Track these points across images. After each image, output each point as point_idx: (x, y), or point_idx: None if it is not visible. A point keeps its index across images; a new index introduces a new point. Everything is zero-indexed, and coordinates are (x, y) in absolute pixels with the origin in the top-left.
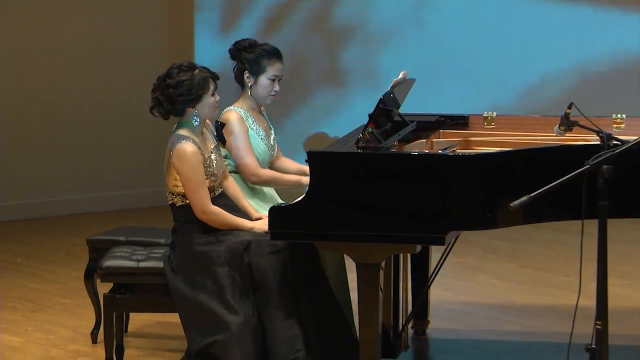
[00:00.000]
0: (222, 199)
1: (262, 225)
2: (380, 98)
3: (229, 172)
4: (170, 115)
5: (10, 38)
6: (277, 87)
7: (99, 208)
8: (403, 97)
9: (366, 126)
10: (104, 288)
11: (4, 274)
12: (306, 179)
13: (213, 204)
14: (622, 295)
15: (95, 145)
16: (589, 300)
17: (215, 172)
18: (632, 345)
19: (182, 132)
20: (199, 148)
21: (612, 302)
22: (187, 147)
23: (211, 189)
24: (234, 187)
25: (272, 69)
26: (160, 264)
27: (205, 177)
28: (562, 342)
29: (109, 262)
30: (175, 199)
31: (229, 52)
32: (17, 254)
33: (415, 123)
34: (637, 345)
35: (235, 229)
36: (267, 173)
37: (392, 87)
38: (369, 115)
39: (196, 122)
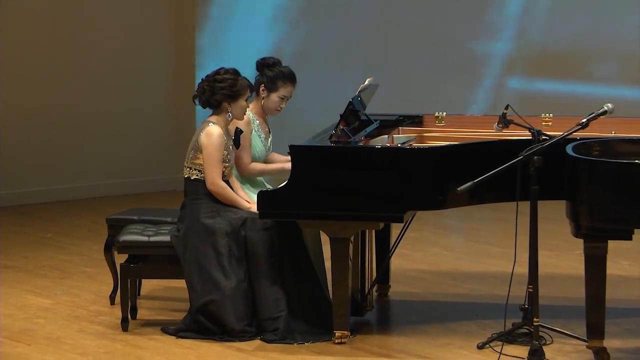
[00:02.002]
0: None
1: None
2: (350, 101)
3: None
4: (207, 105)
5: (43, 37)
6: (283, 105)
7: (116, 192)
8: (368, 100)
9: (338, 124)
10: (120, 258)
11: (37, 247)
12: (288, 165)
13: None
14: (550, 264)
15: (114, 139)
16: (523, 268)
17: (229, 159)
18: (558, 305)
19: (213, 119)
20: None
21: (541, 270)
22: (215, 129)
23: (222, 175)
24: (234, 181)
25: (283, 90)
26: (167, 238)
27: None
28: (500, 302)
29: (125, 237)
30: (192, 172)
31: (256, 63)
32: (48, 231)
33: (378, 121)
34: (562, 305)
35: (234, 206)
36: (257, 168)
37: (359, 92)
38: (340, 115)
39: (230, 117)
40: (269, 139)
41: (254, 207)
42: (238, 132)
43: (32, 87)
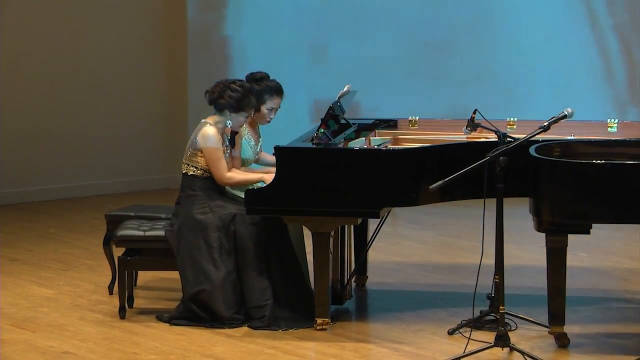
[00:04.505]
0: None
1: (269, 177)
2: (330, 106)
3: None
4: (212, 104)
5: (44, 40)
6: (272, 116)
7: (115, 190)
8: (347, 105)
9: (319, 127)
10: (118, 252)
11: (41, 241)
12: (268, 176)
13: (215, 182)
14: (514, 256)
15: (113, 141)
16: (490, 260)
17: (226, 159)
18: (522, 294)
19: (210, 120)
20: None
21: (507, 262)
22: (211, 130)
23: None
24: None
25: (271, 102)
26: (161, 233)
27: None
28: (469, 292)
29: (122, 232)
30: (189, 168)
31: (245, 78)
32: (51, 226)
33: (356, 125)
34: (526, 294)
35: (249, 183)
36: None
37: (339, 97)
38: (321, 119)
39: (229, 124)
40: (259, 144)
41: (266, 176)
42: (233, 134)
43: (35, 95)
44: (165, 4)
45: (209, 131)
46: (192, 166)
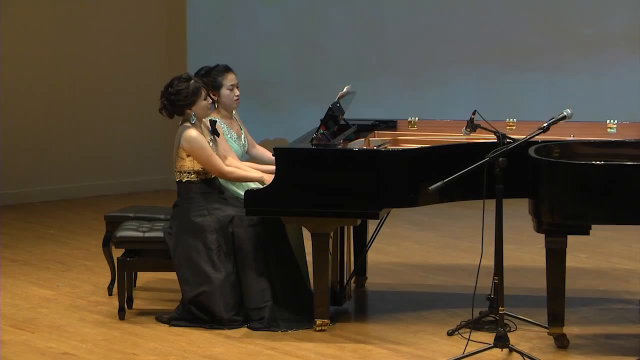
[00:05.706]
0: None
1: (268, 177)
2: (329, 107)
3: None
4: (173, 115)
5: (43, 41)
6: (237, 92)
7: (114, 191)
8: (347, 106)
9: (318, 128)
10: (117, 253)
11: (41, 242)
12: (267, 177)
13: (211, 184)
14: (513, 257)
15: (112, 142)
16: (489, 261)
17: (217, 151)
18: (521, 295)
19: (186, 123)
20: (201, 133)
21: (506, 263)
22: (192, 132)
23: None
24: (231, 162)
25: (226, 81)
26: (161, 234)
27: None
28: (468, 292)
29: (121, 233)
30: (182, 176)
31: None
32: (51, 227)
33: (356, 126)
34: (525, 295)
35: (249, 181)
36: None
37: (338, 98)
38: (320, 120)
39: (193, 120)
40: (242, 135)
41: (266, 177)
42: (212, 123)
43: (35, 96)
44: (166, 5)
45: (191, 133)
46: (185, 172)
